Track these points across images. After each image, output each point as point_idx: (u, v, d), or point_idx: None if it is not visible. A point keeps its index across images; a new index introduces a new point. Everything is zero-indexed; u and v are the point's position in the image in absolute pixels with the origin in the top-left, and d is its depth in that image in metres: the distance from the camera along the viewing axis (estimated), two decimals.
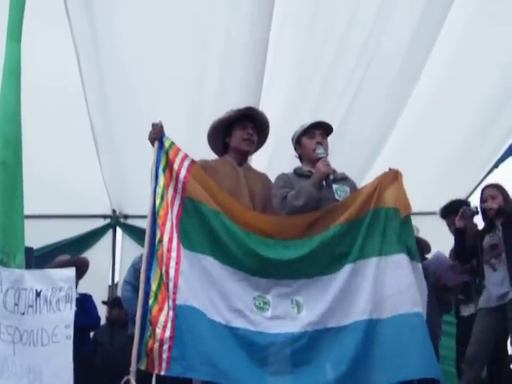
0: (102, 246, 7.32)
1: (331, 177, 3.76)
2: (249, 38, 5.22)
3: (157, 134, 3.66)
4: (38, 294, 3.04)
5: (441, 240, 5.48)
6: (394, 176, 3.66)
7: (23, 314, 2.91)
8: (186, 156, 3.66)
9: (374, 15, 5.25)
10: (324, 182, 3.67)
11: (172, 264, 3.36)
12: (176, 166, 3.59)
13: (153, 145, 3.67)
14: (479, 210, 4.59)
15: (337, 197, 3.75)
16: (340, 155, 4.06)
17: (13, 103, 3.08)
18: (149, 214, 3.52)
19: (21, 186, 3.06)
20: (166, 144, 3.66)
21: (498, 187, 4.67)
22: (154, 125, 3.69)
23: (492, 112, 6.15)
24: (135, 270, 5.46)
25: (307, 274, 3.50)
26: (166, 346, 3.18)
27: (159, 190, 3.53)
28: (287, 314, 3.41)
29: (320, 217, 3.60)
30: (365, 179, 4.14)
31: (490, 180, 6.76)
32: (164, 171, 3.59)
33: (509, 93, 5.94)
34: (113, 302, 6.54)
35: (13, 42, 3.13)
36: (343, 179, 3.92)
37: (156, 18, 5.10)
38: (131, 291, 5.38)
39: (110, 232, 7.42)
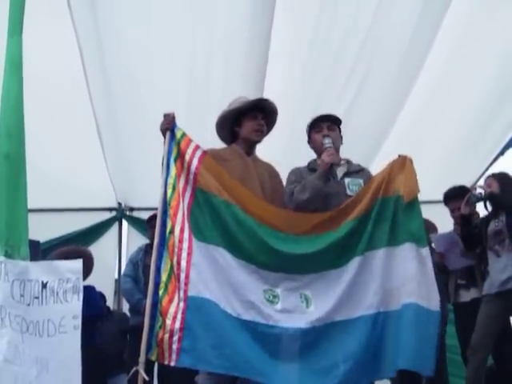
0: (108, 239, 7.34)
1: (337, 168, 3.76)
2: (252, 28, 5.22)
3: (169, 125, 3.66)
4: (44, 286, 3.05)
5: (445, 229, 5.49)
6: (402, 163, 3.61)
7: (29, 305, 2.93)
8: (197, 147, 3.65)
9: (376, 6, 5.24)
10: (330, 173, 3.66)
11: (184, 255, 3.36)
12: (188, 157, 3.58)
13: (164, 135, 3.67)
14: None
15: (348, 192, 3.74)
16: (344, 144, 4.05)
17: (15, 96, 3.07)
18: (159, 204, 3.53)
19: (24, 179, 3.06)
20: (178, 134, 3.65)
21: (495, 175, 4.65)
22: (165, 115, 3.69)
23: (496, 100, 6.13)
24: (133, 264, 5.57)
25: (316, 269, 3.50)
26: (175, 337, 3.20)
27: (171, 181, 3.54)
28: (296, 307, 3.42)
29: (332, 215, 3.58)
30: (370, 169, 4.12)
31: (495, 168, 6.78)
32: (175, 161, 3.59)
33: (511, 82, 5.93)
34: None
35: (14, 35, 3.13)
36: (358, 171, 3.90)
37: (158, 9, 5.08)
38: (131, 283, 5.46)
39: (116, 225, 7.44)
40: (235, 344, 3.22)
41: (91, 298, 5.48)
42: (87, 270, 5.65)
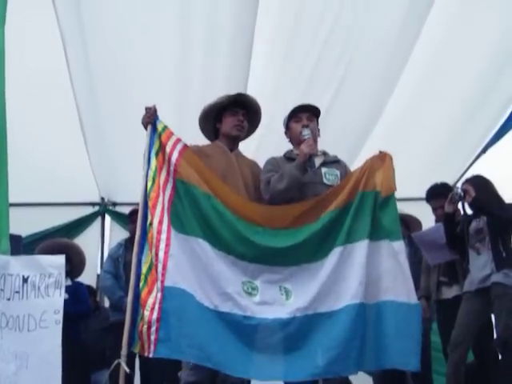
0: (91, 234, 7.29)
1: (315, 158, 3.77)
2: (235, 24, 5.21)
3: (150, 118, 3.67)
4: (25, 280, 3.04)
5: (428, 226, 5.52)
6: (382, 158, 3.65)
7: (9, 299, 2.92)
8: (178, 140, 3.66)
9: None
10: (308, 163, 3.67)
11: (161, 246, 3.37)
12: (168, 149, 3.59)
13: (146, 128, 3.67)
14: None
15: (325, 181, 3.77)
16: (326, 142, 4.06)
17: None
18: (141, 198, 3.54)
19: (5, 172, 3.05)
20: (159, 127, 3.67)
21: (469, 180, 4.68)
22: (147, 108, 3.70)
23: (478, 99, 6.17)
24: (113, 259, 5.54)
25: (297, 262, 3.51)
26: (153, 328, 3.21)
27: (151, 173, 3.55)
28: (275, 300, 3.43)
29: (311, 207, 3.60)
30: (352, 166, 4.13)
31: (477, 166, 6.83)
32: (157, 155, 3.61)
33: (495, 81, 5.97)
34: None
35: None
36: (334, 162, 3.92)
37: (142, 3, 5.07)
38: (111, 279, 5.44)
39: (99, 219, 7.40)
40: (209, 336, 3.24)
41: (80, 294, 5.48)
42: (80, 263, 5.68)
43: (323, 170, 3.82)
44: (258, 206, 3.71)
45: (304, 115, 3.92)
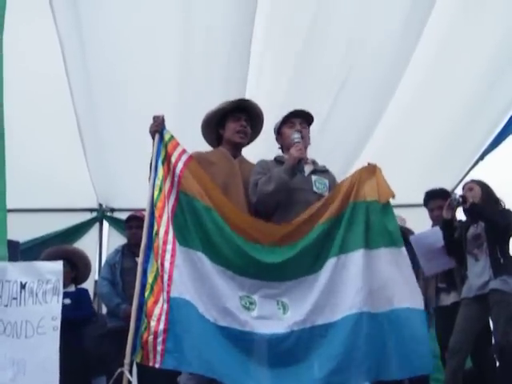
0: (89, 240, 7.28)
1: (305, 166, 3.78)
2: (233, 30, 5.23)
3: (158, 127, 3.68)
4: (22, 287, 3.04)
5: None
6: (372, 170, 3.70)
7: (6, 306, 2.91)
8: (184, 151, 3.67)
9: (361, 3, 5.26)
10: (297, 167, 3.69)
11: (167, 256, 3.37)
12: (173, 160, 3.61)
13: (153, 137, 3.68)
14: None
15: (315, 189, 3.79)
16: (325, 147, 4.07)
17: None
18: (147, 206, 3.54)
19: (3, 179, 3.05)
20: (166, 137, 3.68)
21: (476, 181, 4.70)
22: (155, 117, 3.70)
23: (477, 105, 6.17)
24: (110, 266, 5.53)
25: (293, 276, 3.54)
26: (160, 339, 3.19)
27: (158, 182, 3.55)
28: (273, 314, 3.44)
29: (304, 221, 3.62)
30: (350, 172, 4.13)
31: (475, 172, 6.84)
32: (163, 164, 3.61)
33: (493, 87, 5.97)
34: None
35: None
36: (323, 172, 3.95)
37: (141, 9, 5.08)
38: (108, 286, 5.43)
39: (97, 225, 7.39)
40: (212, 348, 3.23)
41: (82, 300, 5.48)
42: (85, 268, 5.69)
43: (313, 177, 3.85)
44: (256, 223, 3.71)
45: (297, 120, 3.94)
